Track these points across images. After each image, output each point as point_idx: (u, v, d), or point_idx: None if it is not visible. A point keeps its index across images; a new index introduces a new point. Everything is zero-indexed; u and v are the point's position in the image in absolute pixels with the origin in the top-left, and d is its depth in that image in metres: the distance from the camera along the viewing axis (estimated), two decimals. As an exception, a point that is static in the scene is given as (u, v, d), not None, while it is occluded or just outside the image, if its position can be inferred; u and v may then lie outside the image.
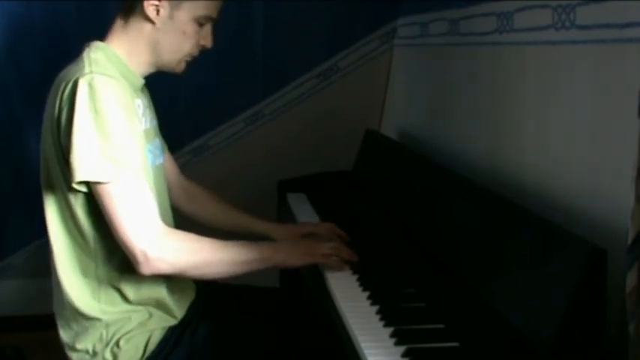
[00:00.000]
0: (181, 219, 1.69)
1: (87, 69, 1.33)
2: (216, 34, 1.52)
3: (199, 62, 1.55)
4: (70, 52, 1.47)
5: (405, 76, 2.61)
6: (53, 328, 1.49)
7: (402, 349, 1.14)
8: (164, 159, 1.64)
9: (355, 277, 1.48)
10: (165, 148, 1.71)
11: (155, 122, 1.61)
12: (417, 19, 2.41)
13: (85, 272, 1.42)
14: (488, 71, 1.74)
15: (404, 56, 2.63)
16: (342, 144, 2.62)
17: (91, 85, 1.30)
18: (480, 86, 1.80)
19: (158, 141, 1.59)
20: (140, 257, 1.30)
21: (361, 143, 2.49)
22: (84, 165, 1.28)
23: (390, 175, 2.11)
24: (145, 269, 1.32)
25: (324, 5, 2.71)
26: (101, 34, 1.46)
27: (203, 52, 1.52)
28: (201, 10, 1.44)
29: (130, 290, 1.43)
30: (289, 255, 1.48)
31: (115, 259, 1.40)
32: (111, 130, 1.29)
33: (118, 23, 1.45)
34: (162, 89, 1.66)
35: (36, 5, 2.57)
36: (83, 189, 1.33)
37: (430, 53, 2.26)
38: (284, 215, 2.18)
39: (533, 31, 1.48)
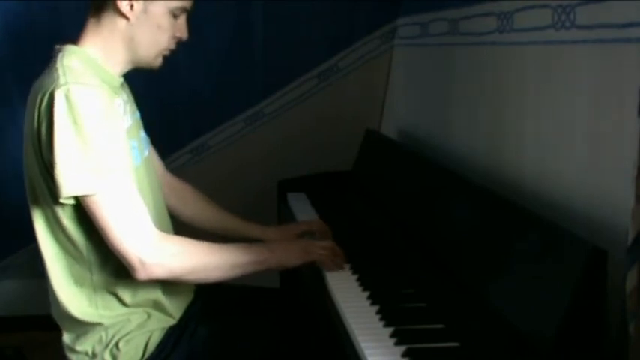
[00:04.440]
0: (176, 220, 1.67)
1: (62, 79, 1.28)
2: (215, 34, 1.52)
3: (199, 62, 1.55)
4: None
5: (405, 76, 2.60)
6: (53, 328, 1.49)
7: (402, 349, 1.14)
8: (149, 152, 1.61)
9: (355, 277, 1.48)
10: (150, 144, 1.65)
11: (138, 115, 1.57)
12: (417, 19, 2.41)
13: (79, 282, 1.40)
14: (488, 71, 1.74)
15: (404, 56, 2.63)
16: (342, 144, 2.62)
17: (67, 97, 1.25)
18: (480, 86, 1.80)
19: (143, 134, 1.56)
20: (136, 263, 1.29)
21: (361, 143, 2.49)
22: (69, 180, 1.25)
23: (390, 175, 2.11)
24: (142, 275, 1.30)
25: (324, 5, 2.71)
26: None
27: (203, 53, 1.52)
28: (175, 1, 1.41)
29: (126, 294, 1.42)
30: (285, 255, 1.48)
31: (110, 265, 1.38)
32: (93, 141, 1.26)
33: (90, 23, 1.42)
34: (162, 89, 1.66)
35: (36, 5, 2.57)
36: (71, 202, 1.31)
37: (430, 53, 2.26)
38: (284, 215, 2.18)
39: (533, 31, 1.48)
